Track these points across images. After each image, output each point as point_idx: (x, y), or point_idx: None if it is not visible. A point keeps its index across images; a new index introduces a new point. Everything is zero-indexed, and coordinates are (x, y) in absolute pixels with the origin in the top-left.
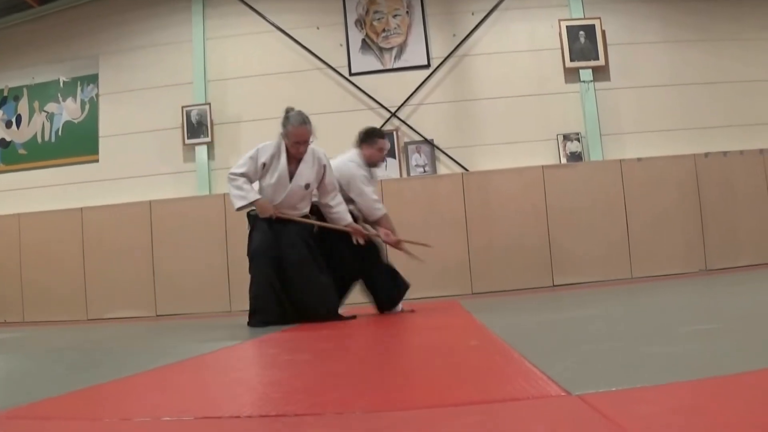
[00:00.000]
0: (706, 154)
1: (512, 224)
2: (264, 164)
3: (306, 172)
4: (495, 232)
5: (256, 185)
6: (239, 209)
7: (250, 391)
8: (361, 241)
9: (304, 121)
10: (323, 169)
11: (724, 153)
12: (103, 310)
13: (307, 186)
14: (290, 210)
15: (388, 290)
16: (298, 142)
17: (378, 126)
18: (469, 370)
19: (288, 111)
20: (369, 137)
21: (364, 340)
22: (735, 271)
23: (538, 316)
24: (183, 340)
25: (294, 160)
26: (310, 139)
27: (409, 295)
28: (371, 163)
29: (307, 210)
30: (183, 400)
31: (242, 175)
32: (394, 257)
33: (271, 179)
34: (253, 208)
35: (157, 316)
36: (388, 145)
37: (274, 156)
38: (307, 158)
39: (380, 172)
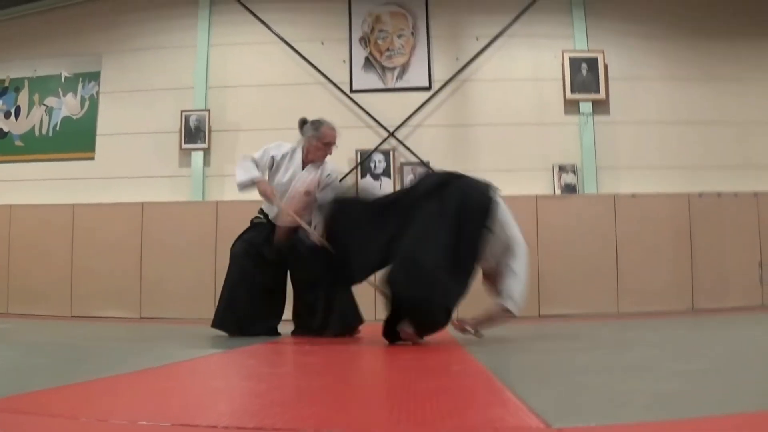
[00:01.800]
0: (701, 194)
1: None
2: (273, 158)
3: (307, 177)
4: None
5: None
6: (241, 186)
7: (229, 401)
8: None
9: (334, 126)
10: (326, 181)
11: (719, 194)
12: (88, 307)
13: (307, 193)
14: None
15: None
16: (329, 143)
17: (374, 145)
18: (449, 395)
19: (311, 120)
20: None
21: (346, 358)
22: (722, 313)
23: (522, 345)
24: (166, 344)
25: (307, 166)
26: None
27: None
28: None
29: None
30: (161, 405)
31: (252, 159)
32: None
33: (282, 178)
34: (258, 216)
35: (142, 318)
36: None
37: (287, 156)
38: (317, 166)
39: (376, 191)
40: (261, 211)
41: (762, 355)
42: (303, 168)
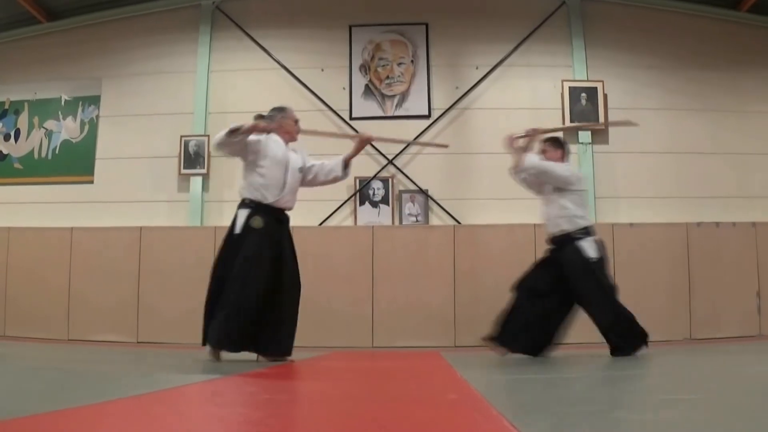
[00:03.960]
0: (699, 224)
1: (500, 280)
2: (259, 141)
3: (294, 156)
4: (482, 286)
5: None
6: (225, 136)
7: (225, 429)
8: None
9: None
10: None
11: (717, 224)
12: (85, 331)
13: (300, 169)
14: (291, 198)
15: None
16: (297, 119)
17: (373, 172)
18: (446, 424)
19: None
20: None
21: (343, 386)
22: (719, 342)
23: (519, 373)
24: (162, 369)
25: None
26: None
27: (390, 342)
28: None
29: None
30: (156, 431)
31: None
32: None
33: (273, 157)
34: (255, 218)
35: (138, 342)
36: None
37: (267, 139)
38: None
39: (372, 217)
40: (250, 206)
41: (758, 384)
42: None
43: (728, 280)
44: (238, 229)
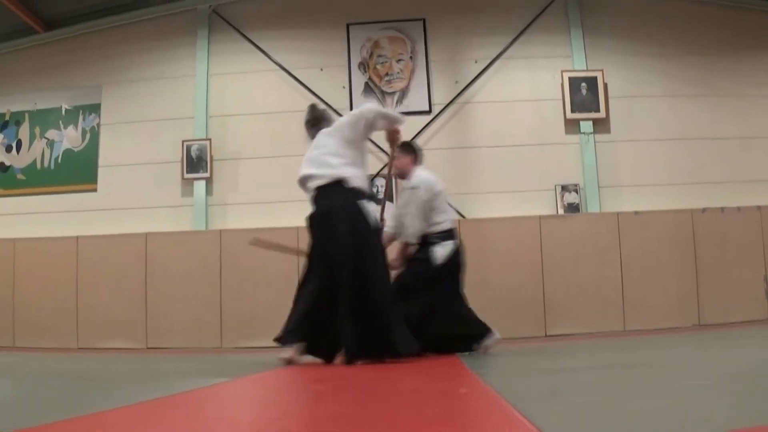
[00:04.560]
0: (704, 210)
1: (507, 273)
2: None
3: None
4: (489, 279)
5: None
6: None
7: (236, 430)
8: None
9: None
10: None
11: (722, 209)
12: (94, 339)
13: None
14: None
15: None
16: None
17: (376, 170)
18: (457, 417)
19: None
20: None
21: (354, 383)
22: (728, 327)
23: (529, 365)
24: (172, 374)
25: None
26: None
27: None
28: None
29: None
30: None
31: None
32: None
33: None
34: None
35: (148, 348)
36: None
37: None
38: None
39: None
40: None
41: None
42: None
43: (735, 264)
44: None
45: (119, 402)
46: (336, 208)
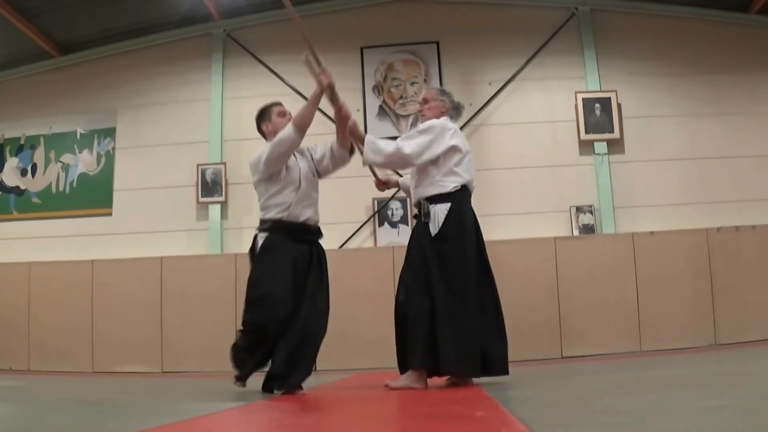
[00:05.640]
0: (719, 229)
1: (523, 295)
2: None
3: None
4: (505, 301)
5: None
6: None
7: None
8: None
9: None
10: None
11: (737, 228)
12: (110, 363)
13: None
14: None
15: None
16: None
17: (391, 193)
18: None
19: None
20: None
21: (369, 406)
22: (745, 346)
23: (546, 387)
24: (188, 398)
25: None
26: None
27: None
28: None
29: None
30: None
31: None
32: None
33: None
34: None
35: (164, 372)
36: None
37: None
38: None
39: (392, 238)
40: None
41: None
42: None
43: (751, 283)
44: None
45: (138, 425)
46: None
